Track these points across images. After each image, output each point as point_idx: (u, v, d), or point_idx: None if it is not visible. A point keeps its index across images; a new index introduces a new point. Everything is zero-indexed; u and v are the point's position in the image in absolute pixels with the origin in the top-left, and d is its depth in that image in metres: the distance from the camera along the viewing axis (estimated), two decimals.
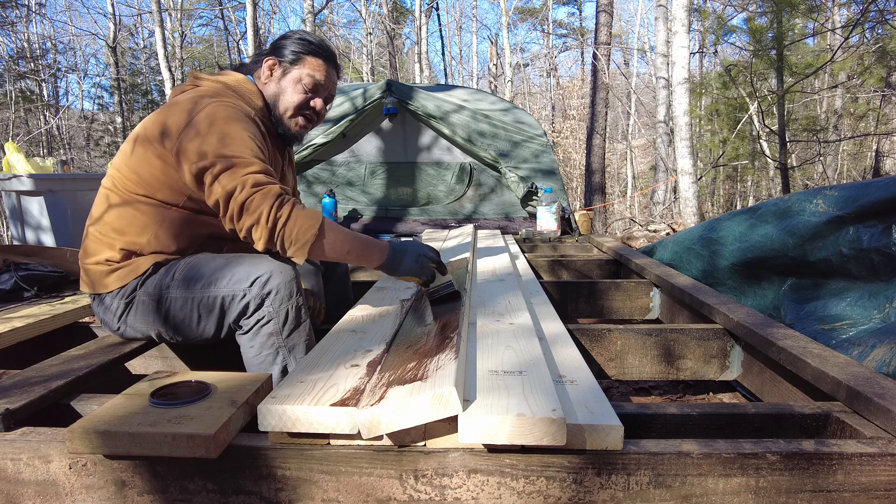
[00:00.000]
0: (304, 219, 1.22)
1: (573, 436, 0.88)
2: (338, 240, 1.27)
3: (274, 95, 1.47)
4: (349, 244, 1.29)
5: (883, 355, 1.40)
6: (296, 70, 1.46)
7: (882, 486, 0.90)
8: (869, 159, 12.19)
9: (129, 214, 1.36)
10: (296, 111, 1.48)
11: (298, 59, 1.46)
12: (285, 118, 1.48)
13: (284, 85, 1.46)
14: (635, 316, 2.29)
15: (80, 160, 16.15)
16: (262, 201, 1.19)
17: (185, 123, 1.28)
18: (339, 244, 1.27)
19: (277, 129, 1.50)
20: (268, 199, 1.20)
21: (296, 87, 1.46)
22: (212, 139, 1.25)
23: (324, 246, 1.25)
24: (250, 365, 1.32)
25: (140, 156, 1.34)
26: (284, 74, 1.46)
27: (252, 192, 1.20)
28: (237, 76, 1.46)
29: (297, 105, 1.47)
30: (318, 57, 1.47)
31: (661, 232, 4.59)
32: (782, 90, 7.61)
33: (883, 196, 1.71)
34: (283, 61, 1.46)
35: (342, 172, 4.32)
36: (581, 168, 14.36)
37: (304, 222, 1.21)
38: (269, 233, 1.21)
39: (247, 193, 1.20)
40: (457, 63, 23.03)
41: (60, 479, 0.95)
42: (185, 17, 16.99)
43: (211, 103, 1.31)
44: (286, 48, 1.46)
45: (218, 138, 1.25)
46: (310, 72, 1.46)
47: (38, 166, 3.83)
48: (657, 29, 9.39)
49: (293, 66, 1.46)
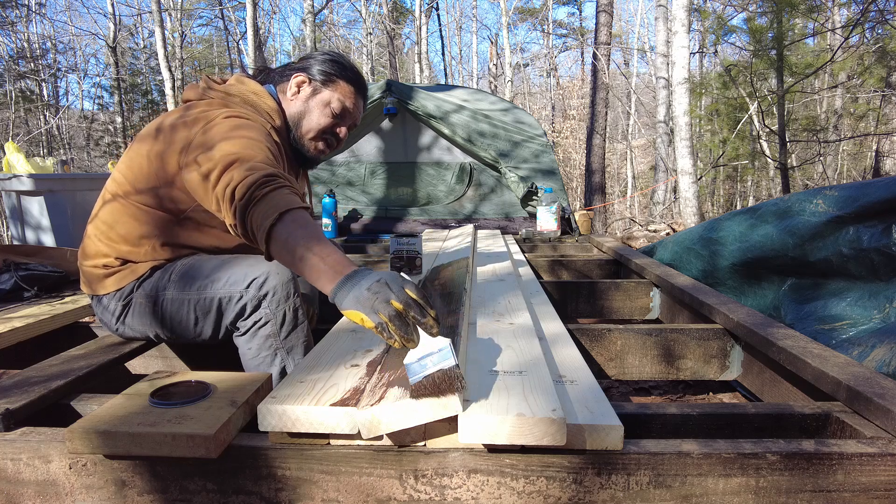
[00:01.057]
0: (274, 203, 1.01)
1: (573, 436, 0.88)
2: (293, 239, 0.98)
3: (298, 115, 1.41)
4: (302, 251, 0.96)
5: (883, 355, 1.40)
6: (327, 92, 1.40)
7: (882, 486, 0.90)
8: (869, 159, 12.19)
9: (129, 224, 1.34)
10: (318, 135, 1.42)
11: (330, 82, 1.40)
12: (306, 139, 1.42)
13: (312, 105, 1.40)
14: (635, 316, 2.29)
15: (80, 160, 16.15)
16: (247, 178, 1.05)
17: (194, 137, 1.22)
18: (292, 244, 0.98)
19: (294, 147, 1.44)
20: (251, 178, 1.05)
21: (324, 111, 1.40)
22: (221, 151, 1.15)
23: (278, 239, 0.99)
24: (248, 367, 1.32)
25: (144, 166, 1.30)
26: (314, 94, 1.41)
27: (245, 173, 1.07)
28: (255, 87, 1.39)
29: (322, 129, 1.42)
30: (350, 84, 1.42)
31: (661, 232, 4.59)
32: (782, 90, 7.61)
33: (883, 196, 1.71)
34: (313, 80, 1.40)
35: (342, 172, 4.32)
36: (581, 168, 14.36)
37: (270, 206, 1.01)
38: (241, 212, 1.03)
39: (237, 180, 1.06)
40: (457, 63, 23.05)
41: (60, 479, 0.95)
42: (185, 17, 17.00)
43: (223, 117, 1.25)
44: (318, 67, 1.41)
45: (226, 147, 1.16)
46: (340, 97, 1.41)
47: (38, 166, 3.83)
48: (657, 29, 9.39)
49: (324, 88, 1.40)
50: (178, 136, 1.26)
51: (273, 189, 1.04)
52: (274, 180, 1.06)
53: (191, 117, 1.27)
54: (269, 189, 1.04)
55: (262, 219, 1.01)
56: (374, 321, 0.85)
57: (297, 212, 1.02)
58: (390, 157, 4.35)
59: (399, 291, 0.87)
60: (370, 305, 0.85)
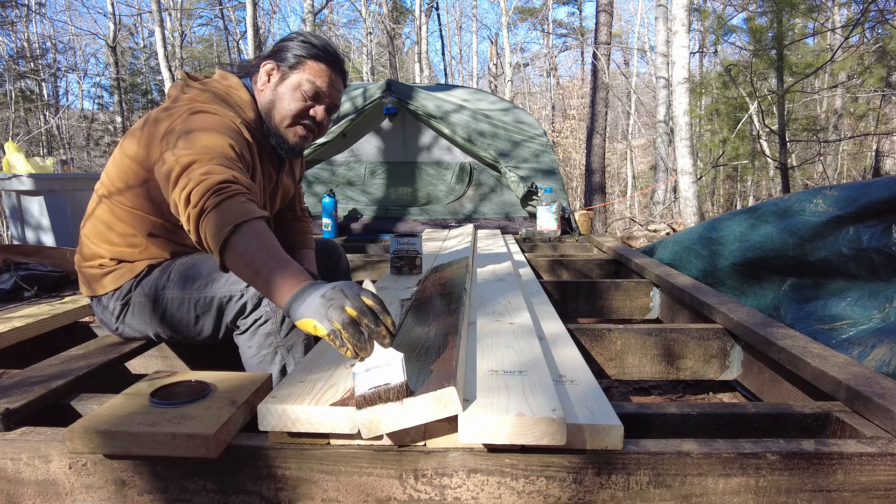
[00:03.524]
0: (229, 213, 0.99)
1: (573, 435, 0.88)
2: (250, 252, 0.96)
3: (269, 103, 1.36)
4: (259, 264, 0.95)
5: (883, 355, 1.40)
6: (295, 75, 1.34)
7: (882, 485, 0.90)
8: (869, 159, 12.19)
9: (119, 225, 1.34)
10: (293, 120, 1.36)
11: (299, 64, 1.34)
12: (281, 128, 1.37)
13: (282, 91, 1.34)
14: (635, 316, 2.29)
15: (80, 160, 16.15)
16: (199, 185, 1.03)
17: (162, 137, 1.20)
18: (249, 257, 0.96)
19: (271, 141, 1.40)
20: (205, 184, 1.03)
21: (294, 94, 1.34)
22: (182, 149, 1.13)
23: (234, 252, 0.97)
24: (249, 365, 1.32)
25: (126, 167, 1.31)
26: (283, 80, 1.35)
27: (199, 178, 1.04)
28: (231, 81, 1.37)
29: (295, 113, 1.35)
30: (320, 61, 1.35)
31: (661, 232, 4.59)
32: (782, 90, 7.61)
33: (883, 196, 1.71)
34: (282, 66, 1.35)
35: (342, 172, 4.32)
36: (581, 168, 14.36)
37: (225, 216, 0.99)
38: (195, 220, 1.02)
39: (193, 183, 1.04)
40: (457, 63, 23.05)
41: (60, 479, 0.95)
42: (185, 17, 16.99)
43: (189, 113, 1.23)
44: (287, 51, 1.35)
45: (186, 145, 1.14)
46: (310, 77, 1.33)
47: (38, 166, 3.83)
48: (657, 29, 9.39)
49: (292, 71, 1.34)
50: (149, 133, 1.26)
51: (227, 197, 1.01)
52: (227, 187, 1.03)
53: (160, 116, 1.26)
54: (222, 197, 1.01)
55: (216, 229, 0.98)
56: (326, 328, 0.82)
57: (253, 223, 0.99)
58: (390, 156, 4.35)
59: (354, 298, 0.84)
60: (323, 313, 0.83)
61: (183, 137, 1.16)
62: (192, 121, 1.20)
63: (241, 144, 1.24)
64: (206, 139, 1.15)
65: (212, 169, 1.07)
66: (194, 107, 1.26)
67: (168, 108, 1.29)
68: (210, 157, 1.10)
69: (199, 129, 1.18)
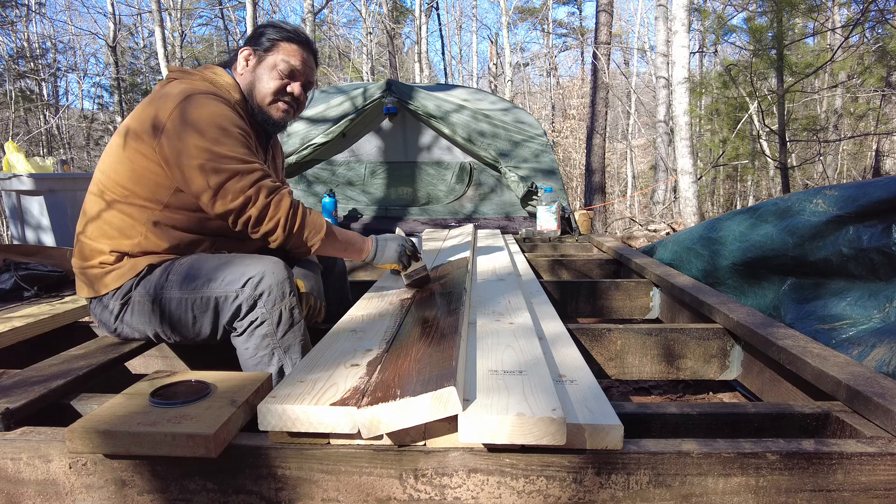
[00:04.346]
0: (314, 224, 1.39)
1: (573, 435, 0.88)
2: (338, 239, 1.46)
3: (250, 84, 1.46)
4: (346, 242, 1.49)
5: (883, 355, 1.40)
6: (270, 57, 1.45)
7: (882, 485, 0.90)
8: (869, 159, 12.18)
9: (118, 218, 1.36)
10: (274, 98, 1.47)
11: (273, 46, 1.45)
12: (264, 106, 1.47)
13: (260, 73, 1.45)
14: (635, 315, 2.29)
15: (80, 160, 16.15)
16: (277, 210, 1.32)
17: (174, 121, 1.28)
18: (338, 243, 1.47)
19: (257, 118, 1.49)
20: (282, 207, 1.33)
21: (271, 74, 1.45)
22: (206, 140, 1.26)
23: (327, 246, 1.42)
24: (246, 366, 1.32)
25: (126, 156, 1.33)
26: (260, 62, 1.46)
27: (266, 202, 1.30)
28: (215, 69, 1.47)
29: (274, 91, 1.46)
30: (292, 42, 1.46)
31: (661, 231, 4.59)
32: (782, 90, 7.61)
33: (883, 196, 1.71)
34: (257, 49, 1.46)
35: (342, 172, 4.32)
36: (581, 168, 14.36)
37: (313, 227, 1.38)
38: (286, 238, 1.35)
39: (262, 203, 1.30)
40: (457, 63, 23.04)
41: (60, 479, 0.95)
42: (185, 17, 16.97)
43: (199, 100, 1.31)
44: (262, 36, 1.46)
45: (213, 139, 1.26)
46: (284, 57, 1.45)
47: (38, 166, 3.83)
48: (657, 28, 9.39)
49: (268, 54, 1.45)
50: (144, 116, 1.32)
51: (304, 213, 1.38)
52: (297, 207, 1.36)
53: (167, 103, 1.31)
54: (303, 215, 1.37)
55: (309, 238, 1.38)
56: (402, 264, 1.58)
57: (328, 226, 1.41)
58: (390, 156, 4.35)
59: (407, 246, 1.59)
60: (397, 259, 1.56)
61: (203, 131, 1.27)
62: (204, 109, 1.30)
63: (246, 128, 1.38)
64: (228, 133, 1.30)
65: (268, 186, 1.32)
66: (186, 87, 1.34)
67: (163, 95, 1.33)
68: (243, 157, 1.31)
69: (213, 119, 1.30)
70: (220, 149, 1.27)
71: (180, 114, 1.28)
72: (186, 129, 1.27)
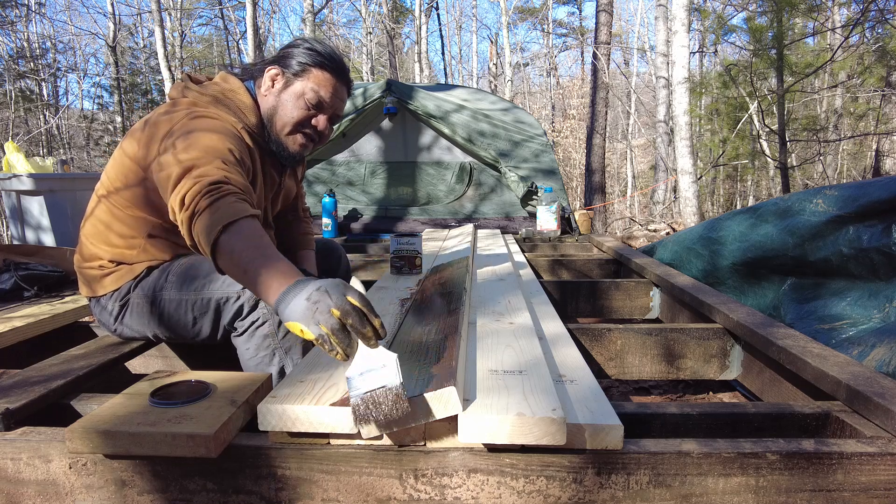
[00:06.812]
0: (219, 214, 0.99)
1: (573, 435, 0.88)
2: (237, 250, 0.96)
3: (272, 109, 1.35)
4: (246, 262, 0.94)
5: (883, 355, 1.40)
6: (299, 83, 1.33)
7: (882, 485, 0.90)
8: (869, 159, 12.18)
9: (118, 226, 1.35)
10: (294, 128, 1.35)
11: (304, 71, 1.33)
12: (282, 135, 1.36)
13: (285, 98, 1.33)
14: (635, 315, 2.29)
15: (80, 160, 16.14)
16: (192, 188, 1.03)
17: (161, 140, 1.20)
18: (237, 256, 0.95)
19: (271, 147, 1.39)
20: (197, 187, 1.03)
21: (297, 102, 1.33)
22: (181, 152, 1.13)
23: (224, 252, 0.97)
24: (247, 367, 1.31)
25: (126, 168, 1.31)
26: (286, 87, 1.34)
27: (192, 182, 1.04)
28: (233, 84, 1.36)
29: (297, 121, 1.34)
30: (325, 70, 1.33)
31: (661, 231, 4.59)
32: (782, 90, 7.61)
33: (883, 196, 1.71)
34: (286, 72, 1.34)
35: (342, 172, 4.32)
36: (581, 168, 14.36)
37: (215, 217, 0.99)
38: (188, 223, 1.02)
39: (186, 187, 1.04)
40: (457, 62, 23.05)
41: (60, 479, 0.95)
42: (185, 17, 16.98)
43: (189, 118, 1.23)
44: (292, 58, 1.34)
45: (185, 149, 1.13)
46: (314, 86, 1.32)
47: (38, 166, 3.83)
48: (657, 28, 9.39)
49: (297, 79, 1.33)
50: (149, 135, 1.26)
51: (218, 197, 1.01)
52: (218, 188, 1.03)
53: (160, 119, 1.26)
54: (213, 198, 1.01)
55: (206, 231, 0.97)
56: (314, 333, 0.82)
57: (242, 222, 0.98)
58: (390, 156, 4.35)
59: (339, 298, 0.82)
60: (310, 317, 0.82)
61: (182, 140, 1.15)
62: (192, 125, 1.20)
63: (241, 149, 1.23)
64: (205, 143, 1.14)
65: (206, 171, 1.06)
66: (194, 111, 1.26)
67: (168, 111, 1.29)
68: (206, 161, 1.10)
69: (198, 131, 1.18)
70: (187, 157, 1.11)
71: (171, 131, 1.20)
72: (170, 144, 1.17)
